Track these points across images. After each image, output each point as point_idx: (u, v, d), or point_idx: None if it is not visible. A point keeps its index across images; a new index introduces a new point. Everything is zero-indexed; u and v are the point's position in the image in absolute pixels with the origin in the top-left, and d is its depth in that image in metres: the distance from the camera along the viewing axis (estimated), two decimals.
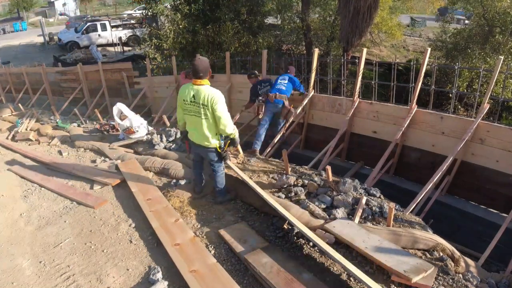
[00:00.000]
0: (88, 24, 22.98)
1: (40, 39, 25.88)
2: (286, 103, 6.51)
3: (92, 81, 11.17)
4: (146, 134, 6.61)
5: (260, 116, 7.31)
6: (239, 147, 5.20)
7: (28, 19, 33.76)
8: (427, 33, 19.61)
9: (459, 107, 12.98)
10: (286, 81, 6.70)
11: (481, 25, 12.48)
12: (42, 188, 5.30)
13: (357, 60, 6.24)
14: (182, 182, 4.74)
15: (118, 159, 5.92)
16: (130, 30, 22.49)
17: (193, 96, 3.68)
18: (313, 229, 3.43)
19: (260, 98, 6.85)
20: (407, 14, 19.58)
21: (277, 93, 6.51)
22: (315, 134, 7.05)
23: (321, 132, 6.87)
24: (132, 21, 23.67)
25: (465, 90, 12.00)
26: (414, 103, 5.47)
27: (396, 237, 3.42)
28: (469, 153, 5.24)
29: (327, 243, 3.21)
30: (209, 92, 3.65)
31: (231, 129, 3.81)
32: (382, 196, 4.38)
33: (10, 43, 26.17)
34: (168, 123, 7.17)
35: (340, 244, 3.32)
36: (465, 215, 5.44)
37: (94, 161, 6.10)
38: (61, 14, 30.75)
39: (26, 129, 8.55)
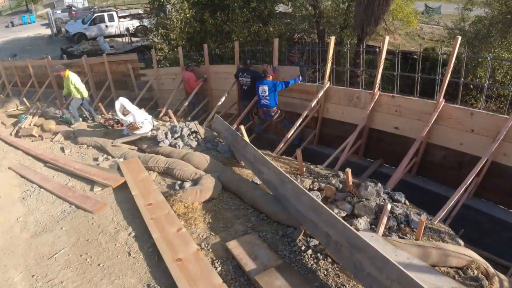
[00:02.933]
0: (95, 15, 22.65)
1: (48, 31, 25.72)
2: (276, 114, 6.77)
3: (97, 73, 10.84)
4: (151, 130, 6.26)
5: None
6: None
7: (36, 11, 33.62)
8: (444, 20, 18.72)
9: (479, 97, 12.26)
10: (267, 94, 6.59)
11: (503, 12, 11.67)
12: (41, 189, 5.03)
13: (377, 50, 5.75)
14: (187, 184, 4.36)
15: (121, 157, 5.61)
16: (138, 21, 22.08)
17: None
18: None
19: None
20: (422, 1, 18.71)
21: (264, 108, 6.77)
22: (331, 129, 6.60)
23: (337, 127, 6.41)
24: (140, 11, 23.24)
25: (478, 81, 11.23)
26: (442, 98, 4.96)
27: (426, 253, 3.02)
28: (501, 153, 4.73)
29: None
30: None
31: None
32: (407, 202, 3.97)
33: (18, 35, 26.12)
34: (174, 118, 6.79)
35: None
36: (493, 220, 4.98)
37: (96, 159, 5.81)
38: (68, 6, 30.34)
39: (30, 125, 8.30)
